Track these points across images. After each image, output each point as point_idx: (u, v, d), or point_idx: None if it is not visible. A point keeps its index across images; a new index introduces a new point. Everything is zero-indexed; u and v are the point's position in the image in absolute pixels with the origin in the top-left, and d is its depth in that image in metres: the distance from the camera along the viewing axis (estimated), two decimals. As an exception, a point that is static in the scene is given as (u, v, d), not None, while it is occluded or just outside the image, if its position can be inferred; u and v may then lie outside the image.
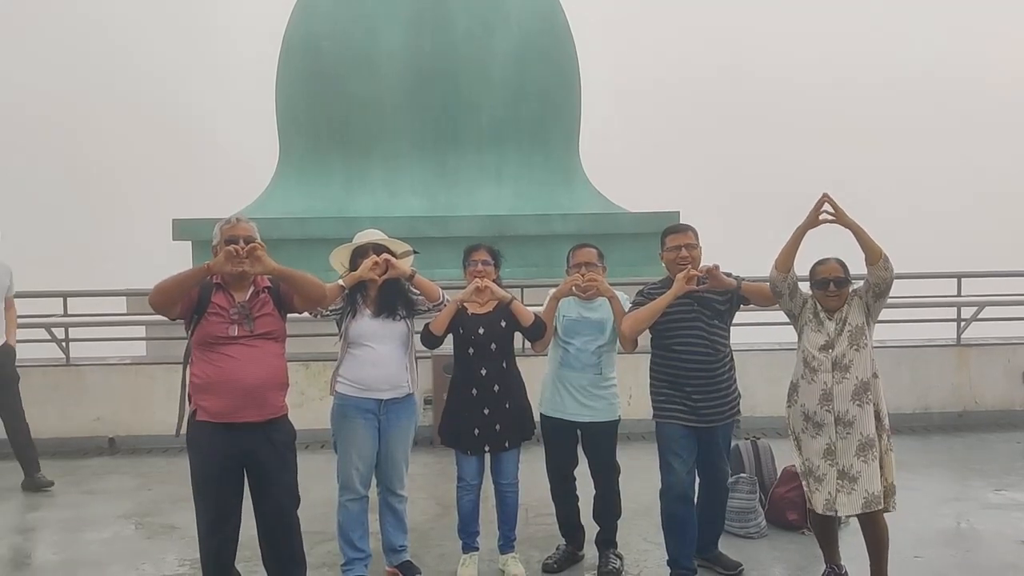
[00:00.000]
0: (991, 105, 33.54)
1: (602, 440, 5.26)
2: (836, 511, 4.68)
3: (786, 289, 4.81)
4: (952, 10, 34.57)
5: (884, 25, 36.50)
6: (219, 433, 4.28)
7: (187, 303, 4.32)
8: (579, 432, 5.28)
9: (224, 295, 4.34)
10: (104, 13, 32.85)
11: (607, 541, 5.39)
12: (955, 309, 9.38)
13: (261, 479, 4.39)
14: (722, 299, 4.95)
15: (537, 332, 5.14)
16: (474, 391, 5.09)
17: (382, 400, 4.93)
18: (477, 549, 5.32)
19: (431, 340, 5.12)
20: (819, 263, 4.81)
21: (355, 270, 4.97)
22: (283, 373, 4.46)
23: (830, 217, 4.60)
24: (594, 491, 5.40)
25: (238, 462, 4.35)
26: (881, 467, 4.66)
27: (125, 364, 8.94)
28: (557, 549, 5.46)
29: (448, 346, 5.28)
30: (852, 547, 5.13)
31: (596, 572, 5.28)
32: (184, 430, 4.45)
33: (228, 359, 4.26)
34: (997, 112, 33.23)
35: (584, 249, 5.24)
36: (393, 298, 4.99)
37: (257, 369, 4.28)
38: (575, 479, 5.41)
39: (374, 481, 5.11)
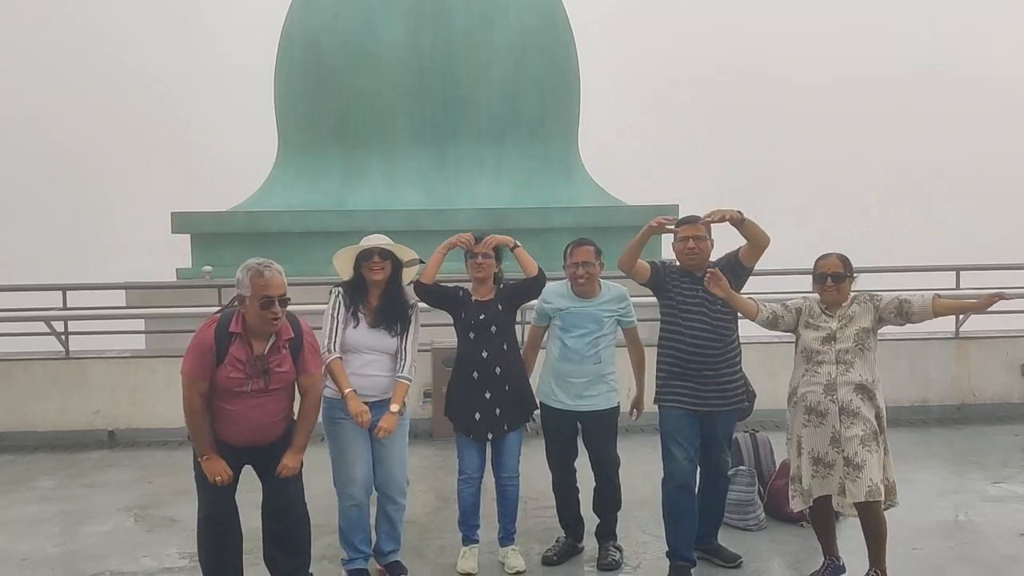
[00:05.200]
0: (990, 101, 33.59)
1: (602, 431, 5.27)
2: (845, 498, 4.70)
3: (779, 319, 4.88)
4: (952, 10, 34.63)
5: (883, 25, 36.53)
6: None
7: (210, 367, 4.26)
8: (579, 424, 5.29)
9: (242, 347, 4.24)
10: (104, 12, 32.83)
11: (607, 533, 5.41)
12: (954, 302, 9.38)
13: (268, 475, 4.40)
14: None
15: (539, 283, 5.18)
16: (475, 374, 5.10)
17: (371, 402, 4.85)
18: (477, 541, 5.33)
19: (422, 289, 5.14)
20: (820, 257, 4.87)
21: (358, 274, 4.95)
22: (291, 406, 4.46)
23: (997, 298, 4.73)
24: (594, 483, 5.41)
25: (242, 457, 4.37)
26: (883, 465, 4.70)
27: (125, 357, 8.93)
28: (557, 541, 5.48)
29: (448, 339, 5.29)
30: (851, 541, 5.14)
31: (596, 564, 5.29)
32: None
33: (239, 404, 4.26)
34: (997, 108, 33.28)
35: (582, 248, 5.24)
36: (392, 313, 4.95)
37: (265, 413, 4.32)
38: (575, 471, 5.42)
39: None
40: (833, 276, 4.77)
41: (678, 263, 5.12)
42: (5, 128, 30.23)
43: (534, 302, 5.36)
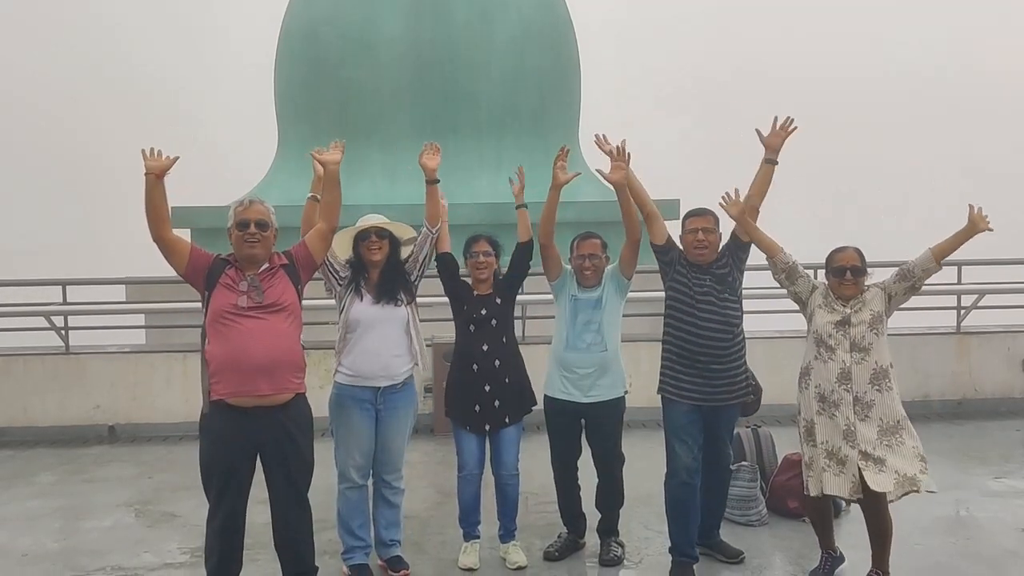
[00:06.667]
0: (990, 96, 33.58)
1: (606, 425, 5.24)
2: (863, 492, 4.57)
3: (781, 273, 4.83)
4: (952, 10, 34.72)
5: (881, 24, 36.58)
6: (231, 418, 4.23)
7: (199, 271, 4.30)
8: (583, 421, 5.27)
9: (236, 271, 4.33)
10: (104, 7, 32.80)
11: (609, 530, 5.39)
12: (955, 297, 9.37)
13: (276, 466, 4.36)
14: (723, 264, 4.97)
15: (526, 249, 5.23)
16: (475, 367, 5.10)
17: (379, 388, 4.90)
18: (478, 537, 5.32)
19: (444, 260, 5.17)
20: (837, 250, 4.79)
21: (357, 255, 4.98)
22: (297, 354, 4.38)
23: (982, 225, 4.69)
24: (597, 479, 5.40)
25: (250, 449, 4.31)
26: (916, 452, 4.59)
27: (125, 352, 8.93)
28: (559, 537, 5.46)
29: (448, 334, 5.29)
30: (851, 535, 5.14)
31: (597, 560, 5.28)
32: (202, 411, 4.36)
33: (238, 333, 4.19)
34: (997, 102, 33.27)
35: (589, 241, 5.25)
36: (394, 283, 4.98)
37: (266, 343, 4.21)
38: (578, 468, 5.41)
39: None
40: (852, 269, 4.68)
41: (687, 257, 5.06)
42: (6, 122, 30.22)
43: (536, 297, 5.36)
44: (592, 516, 5.48)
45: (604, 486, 5.38)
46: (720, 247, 5.01)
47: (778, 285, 5.08)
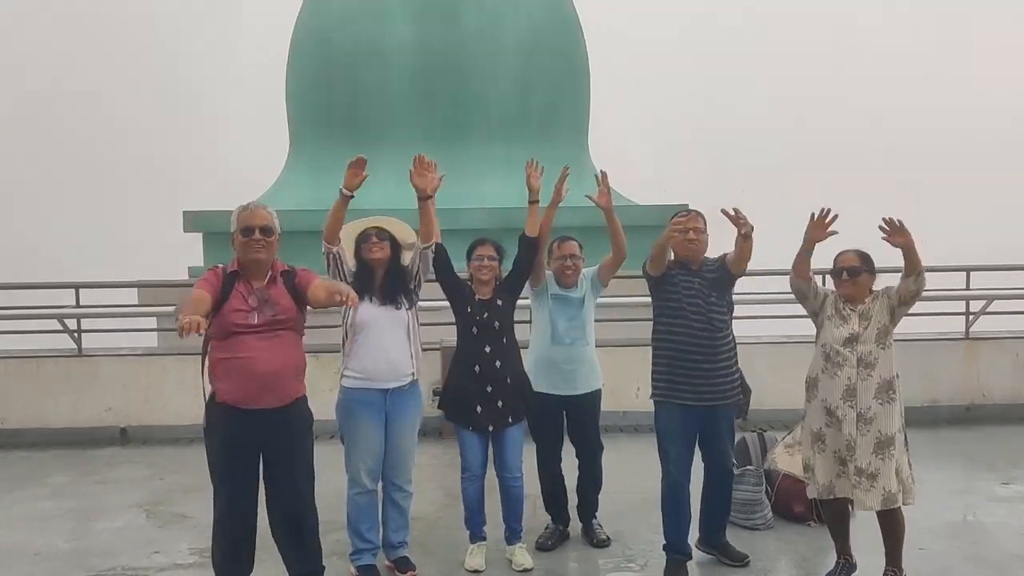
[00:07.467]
0: (999, 101, 33.46)
1: (586, 414, 5.51)
2: (852, 506, 4.75)
3: (810, 292, 4.91)
4: (957, 14, 34.69)
5: (886, 30, 36.54)
6: (236, 418, 4.29)
7: (217, 298, 4.32)
8: (565, 412, 5.49)
9: (243, 283, 4.37)
10: (118, 9, 33.00)
11: (591, 512, 5.67)
12: (964, 302, 9.36)
13: (277, 463, 4.41)
14: (713, 269, 5.03)
15: (529, 243, 5.37)
16: (477, 368, 5.16)
17: (387, 391, 4.95)
18: (484, 539, 5.36)
19: (437, 252, 5.16)
20: (839, 253, 4.88)
21: (361, 261, 5.05)
22: (301, 361, 4.45)
23: (894, 238, 4.59)
24: (578, 471, 5.64)
25: (254, 448, 4.36)
26: (898, 465, 4.68)
27: (137, 355, 8.98)
28: (546, 528, 5.67)
29: (454, 336, 5.34)
30: (864, 542, 5.14)
31: (589, 544, 5.51)
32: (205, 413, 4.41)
33: (245, 348, 4.25)
34: (1006, 106, 33.13)
35: (569, 243, 5.55)
36: (397, 287, 5.03)
37: (273, 358, 4.28)
38: (561, 459, 5.63)
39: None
40: (849, 270, 4.76)
41: (673, 256, 5.13)
42: (20, 126, 30.44)
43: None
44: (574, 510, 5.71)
45: (586, 471, 5.63)
46: (714, 256, 5.06)
47: (785, 291, 5.13)
